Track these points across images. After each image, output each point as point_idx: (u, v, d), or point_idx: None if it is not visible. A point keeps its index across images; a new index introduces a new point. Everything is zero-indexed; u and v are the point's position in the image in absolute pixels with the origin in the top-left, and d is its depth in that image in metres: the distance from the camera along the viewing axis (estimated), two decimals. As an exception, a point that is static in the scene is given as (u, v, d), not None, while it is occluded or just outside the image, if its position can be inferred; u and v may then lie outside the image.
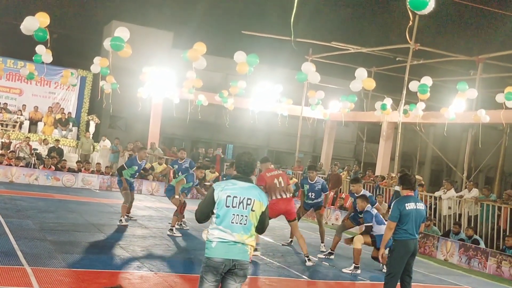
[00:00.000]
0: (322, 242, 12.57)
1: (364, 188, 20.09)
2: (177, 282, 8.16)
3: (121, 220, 12.38)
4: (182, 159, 13.67)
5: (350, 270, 10.28)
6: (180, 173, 13.17)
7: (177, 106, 23.12)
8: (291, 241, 12.55)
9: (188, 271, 8.95)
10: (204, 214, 5.22)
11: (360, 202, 10.81)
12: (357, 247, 10.32)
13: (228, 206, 5.06)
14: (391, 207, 7.65)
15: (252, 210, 5.11)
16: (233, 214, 5.05)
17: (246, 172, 5.34)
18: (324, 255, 11.57)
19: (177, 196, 12.08)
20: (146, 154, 13.55)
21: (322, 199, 12.50)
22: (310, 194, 12.36)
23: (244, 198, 5.10)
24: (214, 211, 5.13)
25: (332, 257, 11.48)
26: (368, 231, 10.60)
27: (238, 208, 5.06)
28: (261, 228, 5.31)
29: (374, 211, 10.72)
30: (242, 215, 5.07)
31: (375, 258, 10.71)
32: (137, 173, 13.22)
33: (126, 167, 12.83)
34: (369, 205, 10.81)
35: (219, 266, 5.03)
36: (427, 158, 33.14)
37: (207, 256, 5.09)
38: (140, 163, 12.93)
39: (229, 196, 5.08)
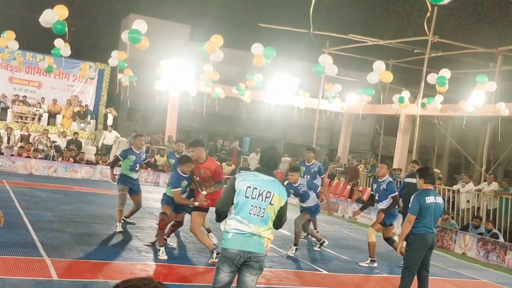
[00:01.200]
0: (315, 229, 12.25)
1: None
2: (194, 273, 8.19)
3: (116, 226, 10.55)
4: (180, 153, 10.95)
5: (367, 264, 10.25)
6: None
7: (194, 99, 23.15)
8: (307, 234, 12.48)
9: (206, 262, 8.96)
10: (225, 203, 5.23)
11: (385, 169, 10.53)
12: (371, 240, 10.25)
13: (247, 197, 5.07)
14: (411, 200, 7.58)
15: (270, 203, 5.10)
16: (252, 205, 5.06)
17: (270, 166, 5.34)
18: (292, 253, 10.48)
19: (196, 203, 8.71)
20: (142, 142, 11.44)
21: (319, 183, 11.90)
22: (305, 176, 11.79)
23: (264, 190, 5.09)
24: (234, 200, 5.14)
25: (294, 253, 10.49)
26: (379, 219, 10.33)
27: (257, 200, 5.07)
28: (278, 223, 5.30)
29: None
30: (260, 207, 5.07)
31: (388, 239, 10.57)
32: (138, 165, 11.13)
33: (121, 158, 11.05)
34: (388, 175, 10.58)
35: (234, 257, 5.04)
36: (445, 151, 32.81)
37: (223, 247, 5.12)
38: (138, 152, 11.09)
39: (249, 187, 5.09)
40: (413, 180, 12.66)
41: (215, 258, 8.33)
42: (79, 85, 26.40)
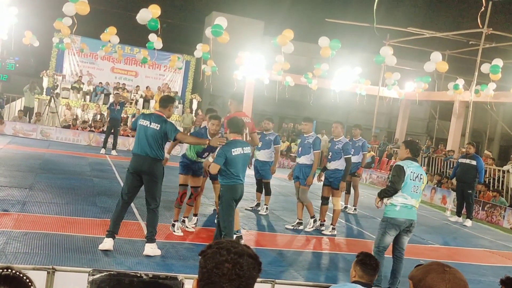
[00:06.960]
0: (354, 205, 11.61)
1: (435, 162, 19.55)
2: (269, 239, 8.21)
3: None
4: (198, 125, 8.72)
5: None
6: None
7: (267, 87, 23.17)
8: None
9: (282, 229, 8.96)
10: (395, 184, 6.07)
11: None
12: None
13: (411, 180, 6.08)
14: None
15: (423, 182, 6.18)
16: (413, 186, 6.08)
17: (417, 155, 6.36)
18: (292, 225, 9.18)
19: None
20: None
21: (360, 159, 11.38)
22: (351, 150, 10.70)
23: (419, 173, 6.16)
24: (402, 182, 6.05)
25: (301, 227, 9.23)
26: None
27: (416, 181, 6.10)
28: None
29: None
30: (417, 186, 6.10)
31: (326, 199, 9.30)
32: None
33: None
34: None
35: (401, 224, 6.05)
36: (497, 134, 31.48)
37: (391, 217, 6.07)
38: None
39: (412, 172, 6.10)
40: (466, 161, 12.24)
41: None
42: (169, 74, 26.99)
